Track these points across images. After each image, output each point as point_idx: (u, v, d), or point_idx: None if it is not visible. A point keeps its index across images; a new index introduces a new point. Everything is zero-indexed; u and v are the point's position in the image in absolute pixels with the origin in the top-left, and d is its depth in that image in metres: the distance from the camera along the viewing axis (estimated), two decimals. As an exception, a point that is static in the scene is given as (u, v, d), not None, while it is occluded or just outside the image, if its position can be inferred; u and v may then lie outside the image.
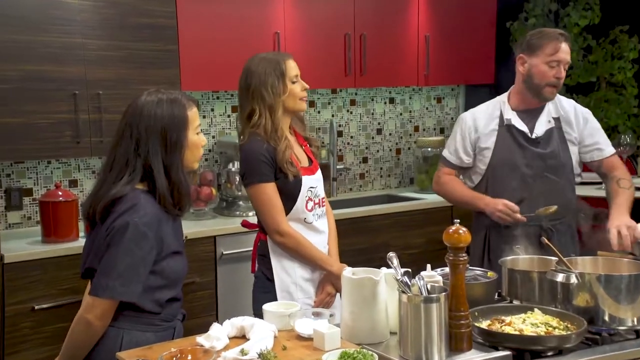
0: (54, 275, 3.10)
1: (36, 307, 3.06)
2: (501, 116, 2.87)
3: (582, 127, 2.86)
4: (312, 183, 2.55)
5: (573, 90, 4.62)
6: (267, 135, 2.45)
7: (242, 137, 2.54)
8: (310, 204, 2.54)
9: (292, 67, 2.52)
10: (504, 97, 2.93)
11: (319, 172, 2.62)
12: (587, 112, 2.91)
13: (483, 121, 2.91)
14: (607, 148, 2.89)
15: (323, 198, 2.62)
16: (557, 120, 2.84)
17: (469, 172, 3.00)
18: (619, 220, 2.54)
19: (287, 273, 2.52)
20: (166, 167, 2.00)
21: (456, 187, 3.01)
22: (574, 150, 2.86)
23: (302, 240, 2.49)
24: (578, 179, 2.92)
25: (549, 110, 2.85)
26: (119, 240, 1.92)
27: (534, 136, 2.82)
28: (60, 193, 3.24)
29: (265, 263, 2.55)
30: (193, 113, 2.06)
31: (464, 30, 4.57)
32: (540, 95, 2.80)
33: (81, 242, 3.07)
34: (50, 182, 3.62)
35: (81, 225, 3.18)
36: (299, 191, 2.49)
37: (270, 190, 2.46)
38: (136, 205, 1.95)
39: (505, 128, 2.85)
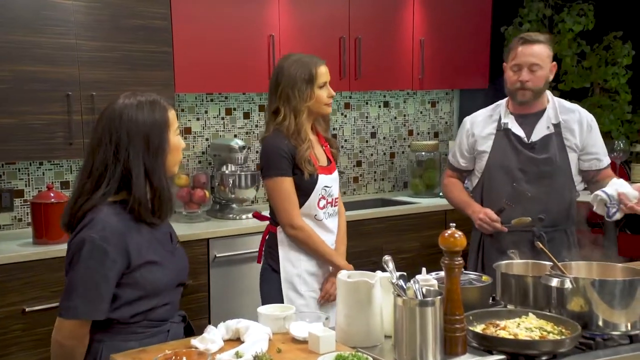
0: (45, 277, 3.08)
1: (27, 310, 3.04)
2: (499, 120, 2.88)
3: (585, 134, 2.81)
4: (328, 182, 2.64)
5: (567, 95, 4.61)
6: (290, 135, 2.55)
7: (266, 131, 2.63)
8: (323, 202, 2.62)
9: (322, 74, 2.61)
10: (504, 101, 2.94)
11: (335, 173, 2.71)
12: (592, 120, 2.86)
13: (481, 125, 2.92)
14: (605, 158, 2.86)
15: (336, 198, 2.70)
16: (556, 126, 2.81)
17: (470, 175, 3.01)
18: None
19: (292, 264, 2.60)
20: (148, 173, 1.92)
21: (453, 191, 3.02)
22: (573, 158, 2.81)
23: (313, 235, 2.59)
24: (580, 187, 2.88)
25: (549, 116, 2.82)
26: (77, 259, 1.86)
27: (529, 141, 2.81)
28: (52, 195, 3.23)
29: (272, 255, 2.63)
30: (172, 115, 2.01)
31: (458, 35, 4.58)
32: (514, 99, 2.82)
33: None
34: (42, 183, 3.60)
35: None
36: (314, 188, 2.58)
37: (287, 185, 2.55)
38: (93, 220, 1.87)
39: (503, 132, 2.85)
